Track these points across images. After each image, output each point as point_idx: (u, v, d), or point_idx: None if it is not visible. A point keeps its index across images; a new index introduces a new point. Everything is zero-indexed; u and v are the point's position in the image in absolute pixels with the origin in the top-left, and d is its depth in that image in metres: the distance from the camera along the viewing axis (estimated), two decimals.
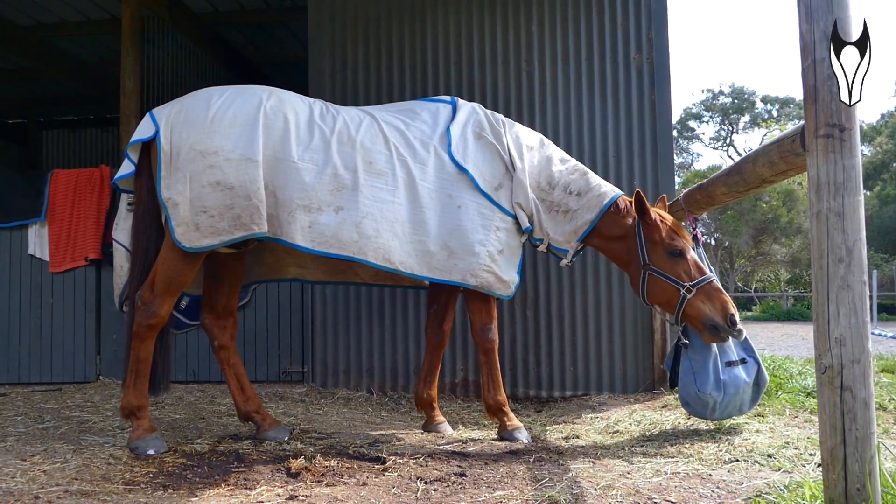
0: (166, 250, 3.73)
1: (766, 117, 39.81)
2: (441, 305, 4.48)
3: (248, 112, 3.68)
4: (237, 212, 3.57)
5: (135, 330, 3.74)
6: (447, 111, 4.21)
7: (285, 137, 3.70)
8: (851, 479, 2.24)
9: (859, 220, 2.30)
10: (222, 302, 4.19)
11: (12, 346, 6.57)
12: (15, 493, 2.88)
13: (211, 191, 3.55)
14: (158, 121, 3.70)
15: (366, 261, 3.75)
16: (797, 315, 26.47)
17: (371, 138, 3.89)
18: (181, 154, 3.60)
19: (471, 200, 3.95)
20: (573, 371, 5.90)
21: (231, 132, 3.62)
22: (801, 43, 2.40)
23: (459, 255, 3.88)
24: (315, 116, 3.87)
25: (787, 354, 8.50)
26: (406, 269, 3.83)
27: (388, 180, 3.84)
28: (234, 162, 3.57)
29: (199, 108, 3.69)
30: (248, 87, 3.88)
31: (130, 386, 3.74)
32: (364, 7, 6.34)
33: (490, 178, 4.03)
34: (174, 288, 3.74)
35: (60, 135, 13.19)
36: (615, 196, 4.13)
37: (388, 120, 4.05)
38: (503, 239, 4.00)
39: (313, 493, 2.91)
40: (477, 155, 4.06)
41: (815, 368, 2.38)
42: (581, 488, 2.91)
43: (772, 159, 3.03)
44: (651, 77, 6.03)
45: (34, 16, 8.67)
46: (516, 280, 4.06)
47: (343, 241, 3.70)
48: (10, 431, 4.26)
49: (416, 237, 3.85)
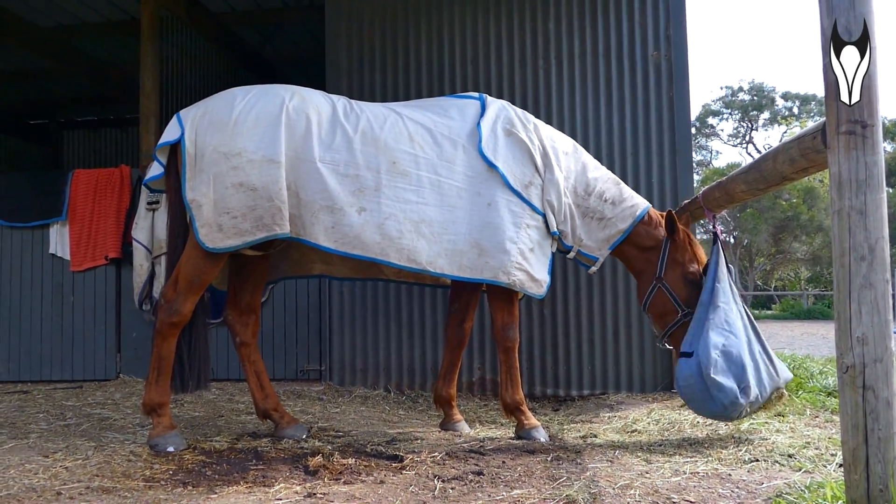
0: (190, 249, 3.76)
1: (786, 114, 39.44)
2: (462, 304, 4.47)
3: (271, 113, 3.70)
4: (259, 213, 3.59)
5: (157, 327, 3.79)
6: (475, 107, 4.17)
7: (307, 138, 3.71)
8: (874, 480, 2.21)
9: (882, 218, 2.28)
10: (246, 299, 4.22)
11: (34, 345, 6.65)
12: (37, 490, 2.92)
13: (234, 192, 3.58)
14: (184, 123, 3.73)
15: (388, 262, 3.76)
16: (818, 314, 26.25)
17: (395, 137, 3.88)
18: (205, 156, 3.63)
19: (501, 197, 3.91)
20: (591, 370, 5.87)
21: (254, 133, 3.64)
22: (823, 39, 2.37)
23: (490, 252, 3.84)
24: (339, 115, 3.86)
25: (807, 353, 8.42)
26: (435, 268, 3.82)
27: (411, 180, 3.83)
28: (256, 163, 3.59)
29: (222, 110, 3.72)
30: (272, 87, 3.89)
31: (152, 383, 3.78)
32: (381, 5, 6.35)
33: (520, 176, 3.99)
34: (197, 287, 3.78)
35: (81, 135, 13.32)
36: (647, 208, 4.26)
37: (414, 117, 4.03)
38: (534, 237, 3.96)
39: (331, 491, 2.92)
40: (507, 152, 4.01)
41: (837, 368, 2.35)
42: (599, 487, 2.90)
43: (792, 156, 3.00)
44: (669, 74, 5.99)
45: (55, 17, 8.76)
46: (548, 280, 4.02)
47: (366, 242, 3.71)
48: (32, 428, 4.32)
49: (445, 236, 3.83)
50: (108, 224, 6.53)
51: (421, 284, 4.89)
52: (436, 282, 4.68)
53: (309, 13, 8.51)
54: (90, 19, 8.85)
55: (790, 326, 19.61)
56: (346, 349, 6.13)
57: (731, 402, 3.65)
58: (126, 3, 8.28)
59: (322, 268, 4.62)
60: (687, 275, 4.12)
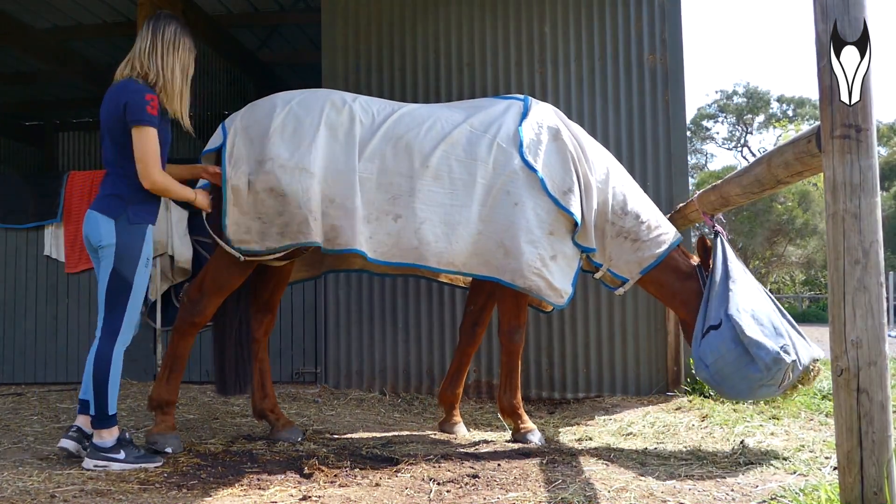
0: (221, 252, 3.77)
1: (780, 118, 39.54)
2: (479, 307, 4.45)
3: (310, 122, 3.71)
4: (286, 219, 3.60)
5: (177, 325, 3.81)
6: (518, 108, 4.12)
7: (348, 148, 3.72)
8: (868, 483, 2.22)
9: (876, 222, 2.29)
10: (265, 297, 4.21)
11: (28, 347, 6.63)
12: (31, 492, 2.90)
13: (266, 197, 3.60)
14: (227, 131, 3.76)
15: (428, 266, 3.79)
16: (812, 317, 26.31)
17: (431, 140, 3.86)
18: (242, 163, 3.65)
19: (528, 199, 3.86)
20: (586, 373, 5.88)
21: (290, 142, 3.66)
22: (817, 43, 2.38)
23: (513, 253, 3.81)
24: (377, 122, 3.86)
25: None
26: (468, 269, 3.85)
27: (444, 183, 3.82)
28: (288, 170, 3.60)
29: (263, 119, 3.74)
30: (312, 95, 3.89)
31: (163, 380, 3.78)
32: (377, 8, 6.35)
33: (560, 182, 3.92)
34: (223, 290, 3.80)
35: (76, 137, 13.30)
36: (680, 237, 4.23)
37: (452, 118, 4.00)
38: (556, 245, 3.89)
39: (326, 494, 2.91)
40: (550, 157, 3.96)
41: (831, 371, 2.36)
42: (594, 490, 2.90)
43: (787, 160, 3.01)
44: (665, 78, 6.00)
45: (50, 19, 8.75)
46: (570, 291, 3.93)
47: (403, 248, 3.74)
48: (26, 431, 4.30)
49: (477, 237, 3.83)
50: None
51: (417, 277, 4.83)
52: (434, 276, 4.61)
53: (306, 16, 8.51)
54: (85, 21, 8.84)
55: None
56: (341, 352, 6.12)
57: (774, 359, 3.40)
58: (121, 4, 8.27)
59: (362, 263, 4.57)
60: None
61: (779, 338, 3.49)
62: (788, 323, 3.65)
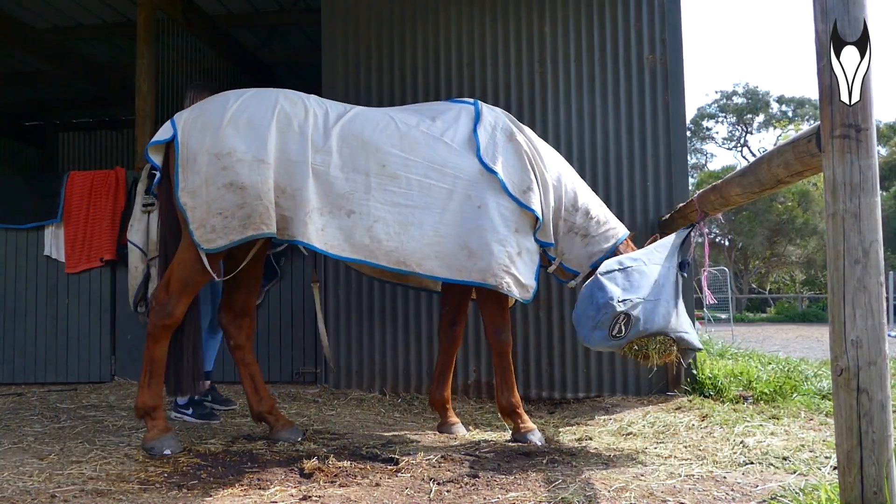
0: (183, 251, 3.75)
1: (780, 118, 39.55)
2: (453, 307, 4.49)
3: (263, 114, 3.70)
4: (247, 211, 3.58)
5: (149, 330, 3.77)
6: (470, 112, 4.18)
7: (300, 140, 3.71)
8: (868, 483, 2.22)
9: (876, 222, 2.29)
10: (240, 302, 4.20)
11: (28, 347, 6.63)
12: (32, 492, 2.91)
13: (225, 192, 3.58)
14: (177, 125, 3.73)
15: (377, 264, 3.78)
16: (812, 317, 26.32)
17: (387, 140, 3.89)
18: (197, 158, 3.63)
19: (491, 200, 3.91)
20: (586, 372, 5.88)
21: (245, 135, 3.64)
22: (817, 43, 2.38)
23: (479, 255, 3.85)
24: (331, 118, 3.87)
25: (802, 356, 8.44)
26: (425, 271, 3.84)
27: (401, 183, 3.84)
28: (246, 163, 3.59)
29: (215, 113, 3.72)
30: (265, 90, 3.90)
31: (145, 386, 3.76)
32: (377, 8, 6.35)
33: (519, 182, 3.99)
34: (190, 289, 3.76)
35: (76, 137, 13.31)
36: (626, 233, 4.38)
37: (407, 121, 4.04)
38: (521, 242, 3.97)
39: (326, 494, 2.92)
40: (507, 158, 4.02)
41: (831, 370, 2.36)
42: (594, 490, 2.90)
43: (787, 160, 3.01)
44: (664, 78, 6.00)
45: (50, 19, 8.76)
46: (534, 285, 4.04)
47: (355, 244, 3.73)
48: (26, 431, 4.30)
49: (435, 239, 3.84)
50: (103, 226, 6.51)
51: (404, 285, 4.86)
52: (419, 284, 4.67)
53: (305, 16, 8.52)
54: (86, 21, 8.85)
55: (785, 329, 19.67)
56: (341, 352, 6.12)
57: (606, 302, 3.60)
58: (122, 5, 8.27)
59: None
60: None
61: (628, 293, 3.63)
62: (677, 304, 3.76)
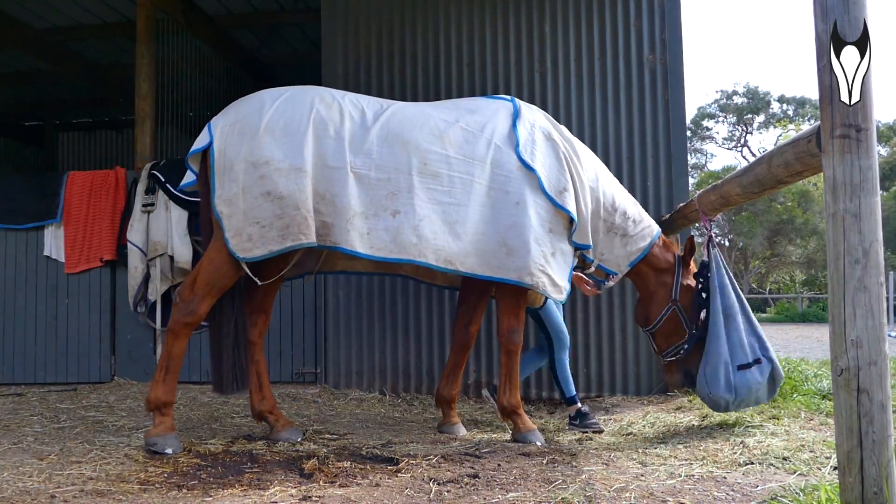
0: (214, 252, 3.75)
1: (781, 117, 39.51)
2: (470, 307, 4.48)
3: (299, 120, 3.69)
4: (286, 221, 3.57)
5: (170, 326, 3.79)
6: (508, 109, 4.18)
7: (338, 144, 3.70)
8: (868, 483, 2.22)
9: (876, 222, 2.29)
10: (258, 298, 4.20)
11: (28, 347, 6.63)
12: (32, 492, 2.90)
13: (263, 202, 3.57)
14: (213, 131, 3.73)
15: (426, 263, 3.76)
16: (812, 317, 26.28)
17: (426, 138, 3.87)
18: (234, 166, 3.62)
19: (529, 197, 3.90)
20: (586, 373, 5.88)
21: (282, 142, 3.63)
22: (817, 43, 2.38)
23: (517, 252, 3.83)
24: (368, 118, 3.86)
25: (802, 356, 8.43)
26: (466, 268, 3.83)
27: (443, 180, 3.83)
28: (283, 172, 3.58)
29: (251, 118, 3.71)
30: (300, 92, 3.87)
31: (160, 381, 3.76)
32: (377, 8, 6.35)
33: (555, 182, 3.98)
34: (216, 290, 3.77)
35: (76, 137, 13.29)
36: (659, 230, 4.44)
37: (446, 117, 4.02)
38: (555, 243, 3.96)
39: (326, 494, 2.91)
40: (546, 156, 4.02)
41: (831, 371, 2.36)
42: (594, 490, 2.90)
43: (787, 160, 3.01)
44: (664, 77, 6.00)
45: (50, 19, 8.74)
46: (567, 287, 4.03)
47: (403, 244, 3.71)
48: (26, 431, 4.30)
49: (476, 236, 3.83)
50: (102, 226, 6.51)
51: (431, 284, 4.82)
52: (449, 282, 4.65)
53: (305, 16, 8.51)
54: (85, 21, 8.84)
55: (785, 329, 19.66)
56: (341, 352, 6.12)
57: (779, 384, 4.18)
58: (121, 5, 8.26)
59: (346, 264, 4.57)
60: (696, 298, 4.25)
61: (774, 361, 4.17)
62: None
